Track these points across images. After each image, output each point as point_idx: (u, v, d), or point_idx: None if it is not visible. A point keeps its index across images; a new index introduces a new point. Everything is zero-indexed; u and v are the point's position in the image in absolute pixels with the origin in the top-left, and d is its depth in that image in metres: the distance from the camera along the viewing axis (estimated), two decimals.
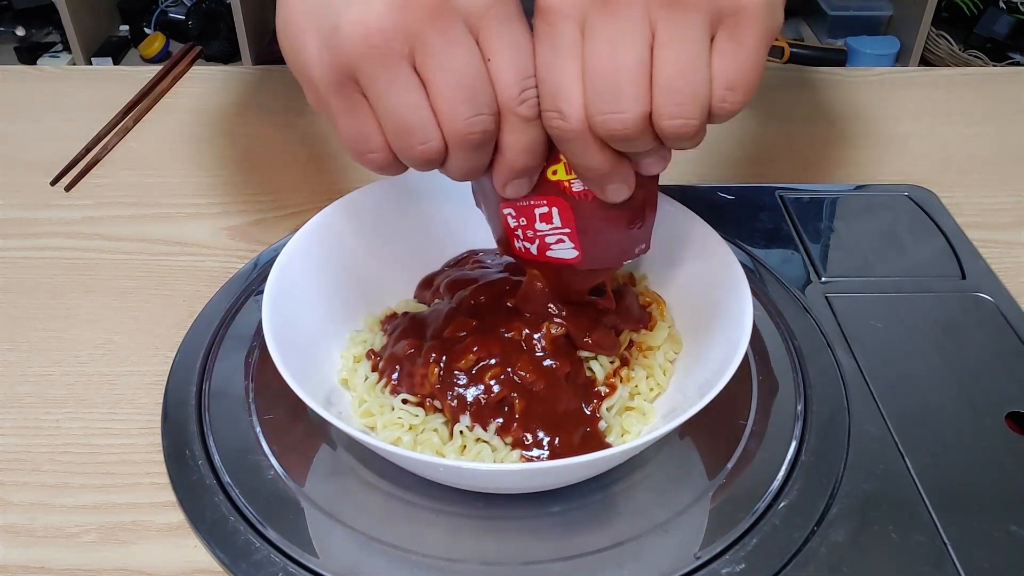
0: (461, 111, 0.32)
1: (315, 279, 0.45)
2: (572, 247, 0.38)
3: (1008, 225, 0.60)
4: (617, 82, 0.31)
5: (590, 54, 0.31)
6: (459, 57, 0.32)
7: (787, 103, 0.74)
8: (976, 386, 0.47)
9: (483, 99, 0.32)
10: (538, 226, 0.38)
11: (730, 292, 0.42)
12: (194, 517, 0.40)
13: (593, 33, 0.31)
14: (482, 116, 0.32)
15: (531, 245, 0.39)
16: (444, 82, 0.32)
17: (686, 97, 0.31)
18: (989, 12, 2.15)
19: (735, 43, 0.31)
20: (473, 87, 0.32)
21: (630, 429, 0.42)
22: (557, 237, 0.38)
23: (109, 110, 0.71)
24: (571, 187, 0.36)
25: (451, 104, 0.32)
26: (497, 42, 0.32)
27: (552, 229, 0.38)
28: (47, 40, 2.17)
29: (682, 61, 0.31)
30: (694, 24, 0.31)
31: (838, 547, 0.39)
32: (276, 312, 0.41)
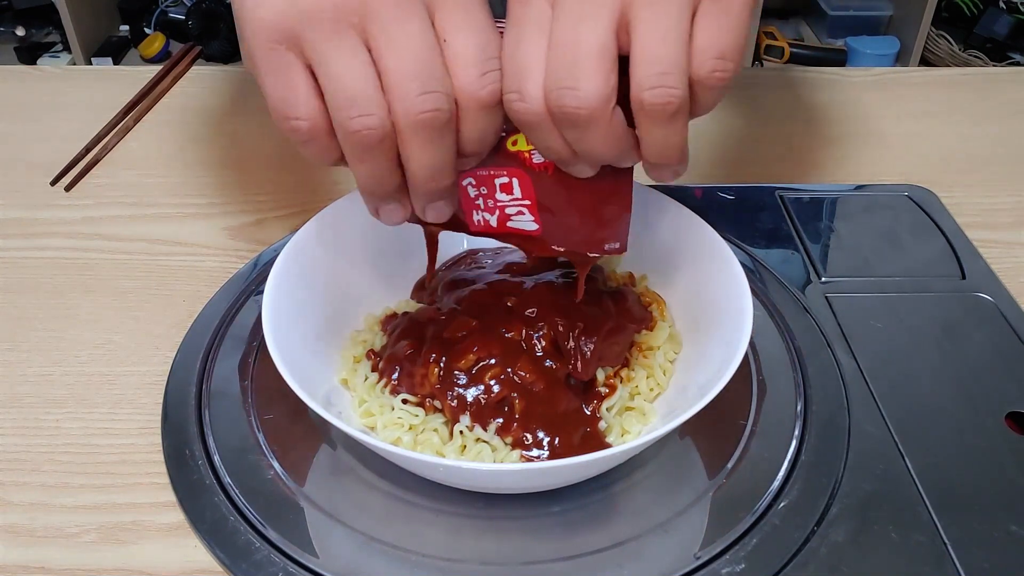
0: (412, 87, 0.31)
1: (315, 279, 0.45)
2: (532, 220, 0.38)
3: (1008, 225, 0.60)
4: (577, 57, 0.30)
5: (555, 30, 0.30)
6: (412, 33, 0.30)
7: (787, 103, 0.74)
8: (976, 386, 0.47)
9: (436, 77, 0.31)
10: (498, 196, 0.37)
11: (730, 292, 0.42)
12: (194, 517, 0.40)
13: (560, 9, 0.30)
14: (435, 94, 0.31)
15: (491, 216, 0.38)
16: (395, 56, 0.30)
17: (667, 66, 0.30)
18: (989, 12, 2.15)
19: (718, 10, 0.30)
20: (425, 63, 0.31)
21: (630, 429, 0.42)
22: (517, 208, 0.37)
23: (109, 110, 0.71)
24: (531, 159, 0.35)
25: (401, 79, 0.31)
26: (454, 23, 0.31)
27: (512, 200, 0.37)
28: (47, 40, 2.17)
29: (661, 30, 0.30)
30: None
31: (838, 547, 0.39)
32: (276, 312, 0.41)
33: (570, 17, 0.30)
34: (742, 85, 0.77)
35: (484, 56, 0.31)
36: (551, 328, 0.42)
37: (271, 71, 0.31)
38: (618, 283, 0.49)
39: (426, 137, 0.32)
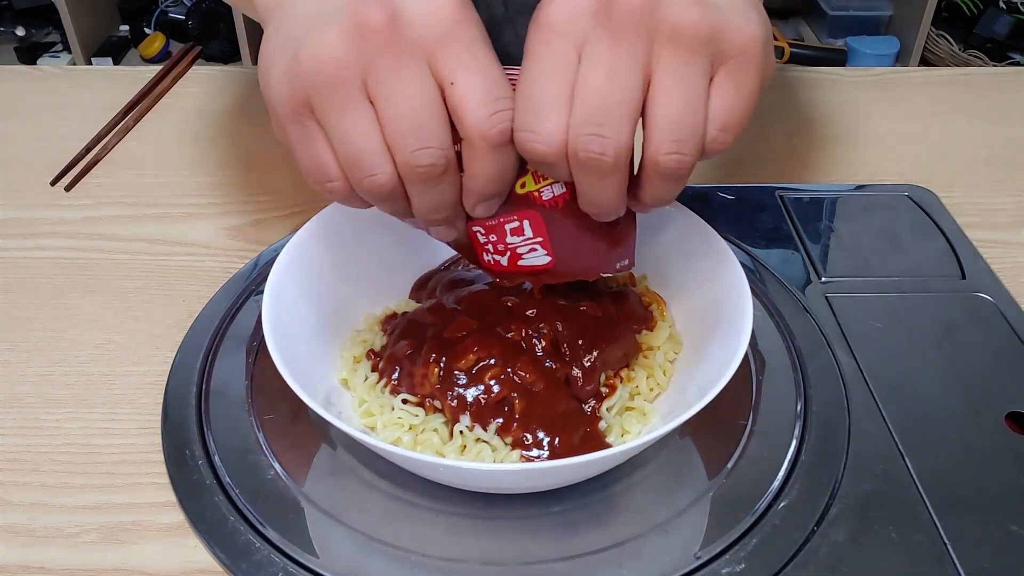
0: (408, 143, 0.31)
1: (315, 279, 0.45)
2: (545, 254, 0.39)
3: (1008, 225, 0.60)
4: (607, 108, 0.31)
5: (584, 78, 0.31)
6: (408, 88, 0.31)
7: (787, 103, 0.74)
8: (976, 386, 0.47)
9: (432, 132, 0.32)
10: (509, 240, 0.38)
11: (730, 292, 0.42)
12: (194, 517, 0.40)
13: (592, 59, 0.31)
14: (430, 150, 0.32)
15: (501, 258, 0.40)
16: (392, 112, 0.31)
17: (685, 134, 0.31)
18: (989, 12, 2.15)
19: (734, 85, 0.32)
20: (421, 119, 0.31)
21: (630, 429, 0.42)
22: (529, 247, 0.38)
23: (109, 110, 0.71)
24: (541, 196, 0.36)
25: (398, 136, 0.32)
26: (458, 66, 0.31)
27: (524, 240, 0.38)
28: (47, 40, 2.17)
29: (684, 99, 0.31)
30: (697, 64, 0.31)
31: (838, 547, 0.39)
32: (276, 312, 0.41)
33: (604, 66, 0.31)
34: None
35: (492, 96, 0.32)
36: (551, 328, 0.42)
37: (297, 142, 0.33)
38: (618, 283, 0.49)
39: (424, 187, 0.33)
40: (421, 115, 0.31)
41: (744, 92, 0.32)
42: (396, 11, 0.31)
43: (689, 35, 0.30)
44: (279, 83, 0.32)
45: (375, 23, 0.31)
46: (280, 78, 0.32)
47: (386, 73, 0.31)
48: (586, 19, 0.31)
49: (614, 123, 0.31)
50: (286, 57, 0.32)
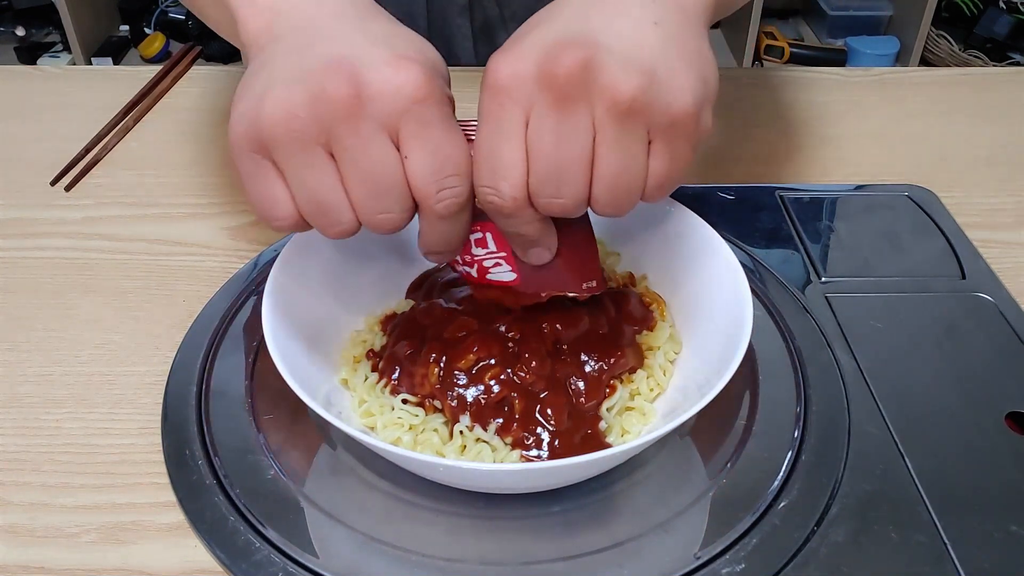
0: (370, 205, 0.34)
1: (315, 279, 0.45)
2: (510, 270, 0.39)
3: (1008, 225, 0.60)
4: (561, 172, 0.33)
5: (536, 142, 0.33)
6: (368, 156, 0.33)
7: (787, 103, 0.74)
8: (976, 386, 0.47)
9: (392, 197, 0.34)
10: (475, 251, 0.39)
11: (730, 292, 0.42)
12: (194, 517, 0.40)
13: (540, 123, 0.33)
14: (390, 214, 0.34)
15: (471, 269, 0.40)
16: (354, 177, 0.33)
17: (622, 193, 0.34)
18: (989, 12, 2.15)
19: (668, 153, 0.34)
20: (381, 185, 0.33)
21: (630, 429, 0.42)
22: (494, 261, 0.39)
23: (109, 110, 0.71)
24: None
25: (360, 198, 0.34)
26: (412, 143, 0.33)
27: (488, 253, 0.39)
28: (47, 40, 2.17)
29: (621, 165, 0.34)
30: (633, 132, 0.33)
31: (838, 547, 0.39)
32: (276, 312, 0.41)
33: (550, 132, 0.33)
34: (742, 85, 0.77)
35: (441, 175, 0.34)
36: (551, 328, 0.42)
37: (249, 177, 0.35)
38: (618, 283, 0.49)
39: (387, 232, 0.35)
40: (381, 182, 0.33)
41: (678, 157, 0.35)
42: (360, 84, 0.33)
43: (624, 108, 0.32)
44: (240, 118, 0.34)
45: (339, 95, 0.32)
46: (242, 114, 0.34)
47: (348, 140, 0.33)
48: (531, 84, 0.33)
49: (569, 184, 0.34)
50: (252, 99, 0.34)
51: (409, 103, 0.33)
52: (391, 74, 0.33)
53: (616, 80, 0.32)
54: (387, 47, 0.34)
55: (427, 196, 0.34)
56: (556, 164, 0.33)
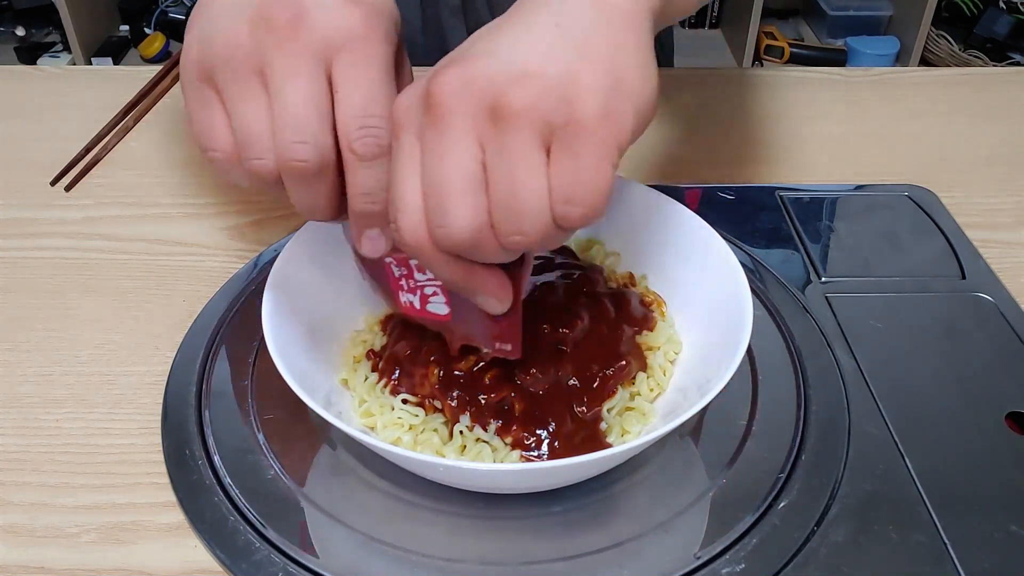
0: (286, 136, 0.33)
1: (315, 279, 0.45)
2: (444, 302, 0.38)
3: (1008, 225, 0.60)
4: (444, 198, 0.31)
5: (424, 169, 0.31)
6: (296, 86, 0.32)
7: (787, 103, 0.74)
8: (976, 386, 0.47)
9: (310, 128, 0.33)
10: (417, 276, 0.38)
11: (730, 292, 0.42)
12: (194, 517, 0.40)
13: (425, 147, 0.31)
14: (303, 145, 0.33)
15: (414, 297, 0.39)
16: (278, 104, 0.33)
17: (519, 214, 0.30)
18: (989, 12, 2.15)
19: (572, 160, 0.30)
20: (301, 116, 0.32)
21: (630, 429, 0.42)
22: (433, 289, 0.38)
23: (109, 110, 0.71)
24: None
25: (280, 128, 0.33)
26: (344, 77, 0.33)
27: (428, 280, 0.38)
28: (47, 40, 2.17)
29: (512, 178, 0.30)
30: (522, 138, 0.30)
31: (838, 547, 0.39)
32: (276, 313, 0.41)
33: (432, 155, 0.31)
34: (742, 85, 0.77)
35: (364, 112, 0.33)
36: (552, 329, 0.42)
37: (193, 104, 0.35)
38: (618, 283, 0.49)
39: (296, 181, 0.34)
40: (303, 111, 0.32)
41: (585, 166, 0.30)
42: (302, 12, 0.33)
43: (504, 113, 0.30)
44: (190, 46, 0.34)
45: (279, 19, 0.32)
46: (192, 42, 0.34)
47: (280, 66, 0.32)
48: (416, 109, 0.32)
49: (453, 212, 0.31)
50: (202, 31, 0.34)
51: (346, 38, 0.33)
52: (334, 8, 0.33)
53: (492, 87, 0.30)
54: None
55: (346, 133, 0.33)
56: (439, 188, 0.31)
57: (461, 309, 0.38)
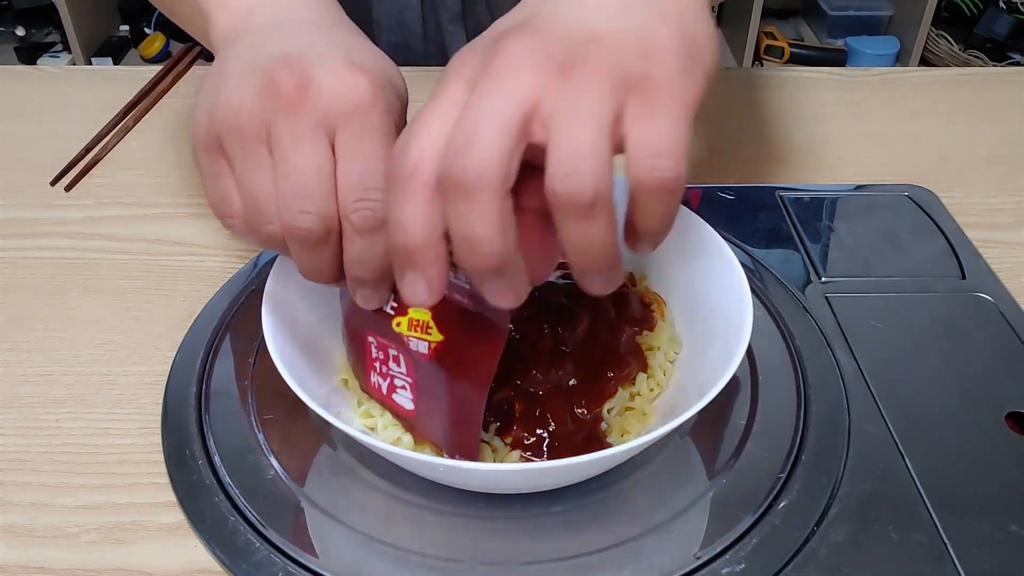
0: (291, 204, 0.33)
1: None
2: (411, 399, 0.38)
3: (1008, 225, 0.60)
4: (478, 124, 0.28)
5: (466, 104, 0.29)
6: (301, 153, 0.33)
7: (787, 103, 0.74)
8: (976, 386, 0.46)
9: (314, 199, 0.33)
10: (391, 365, 0.38)
11: (730, 292, 0.42)
12: (194, 517, 0.40)
13: (475, 91, 0.29)
14: (308, 215, 0.33)
15: (383, 381, 0.39)
16: (282, 172, 0.33)
17: (585, 152, 0.27)
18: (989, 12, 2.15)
19: (649, 113, 0.28)
20: (305, 185, 0.33)
21: (630, 429, 0.42)
22: (403, 383, 0.38)
23: (109, 110, 0.71)
24: (409, 344, 0.36)
25: (284, 195, 0.33)
26: (345, 148, 0.33)
27: (400, 373, 0.38)
28: (47, 40, 2.17)
29: (581, 114, 0.28)
30: (594, 87, 0.28)
31: (838, 547, 0.39)
32: (276, 312, 0.41)
33: (481, 90, 0.28)
34: (742, 85, 0.77)
35: (362, 185, 0.33)
36: (552, 330, 0.42)
37: (206, 174, 0.35)
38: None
39: (301, 248, 0.34)
40: (307, 181, 0.33)
41: (665, 118, 0.29)
42: (308, 80, 0.33)
43: (581, 65, 0.28)
44: (200, 116, 0.34)
45: (284, 86, 0.33)
46: (202, 112, 0.34)
47: (285, 134, 0.33)
48: (473, 62, 0.30)
49: (483, 138, 0.28)
50: (209, 99, 0.34)
51: (351, 107, 0.33)
52: (339, 76, 0.33)
53: (565, 44, 0.29)
54: (344, 53, 0.34)
55: (344, 204, 0.33)
56: (474, 119, 0.28)
57: (425, 410, 0.38)
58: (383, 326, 0.37)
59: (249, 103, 0.33)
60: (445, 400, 0.36)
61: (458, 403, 0.36)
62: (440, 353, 0.35)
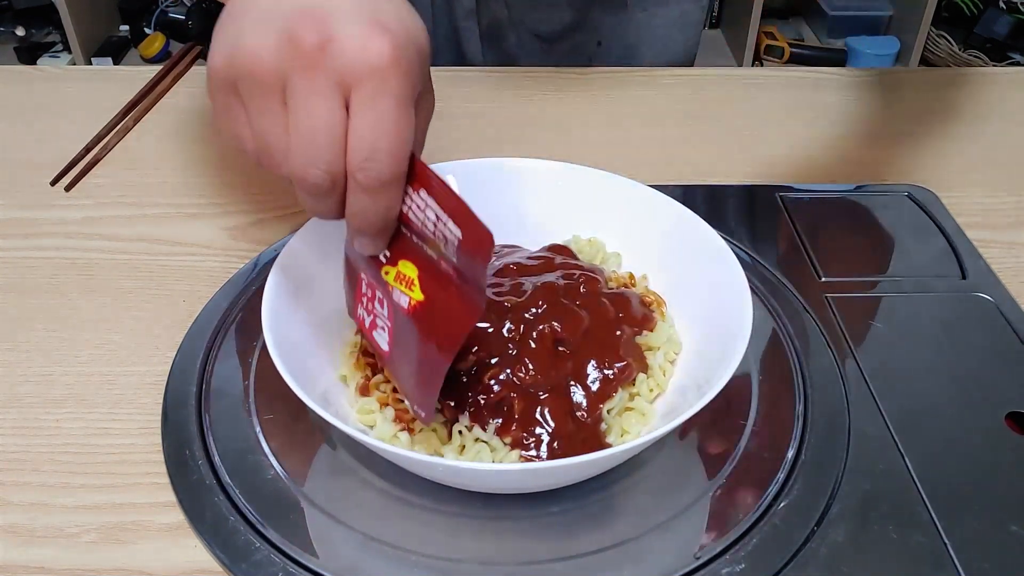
0: (299, 157, 0.34)
1: (315, 278, 0.45)
2: (388, 341, 0.39)
3: (1008, 225, 0.60)
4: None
5: None
6: (313, 109, 0.33)
7: (787, 103, 0.74)
8: (976, 386, 0.47)
9: (322, 154, 0.33)
10: (375, 306, 0.39)
11: (730, 292, 0.42)
12: (194, 517, 0.40)
13: None
14: (315, 170, 0.34)
15: (368, 317, 0.40)
16: (295, 125, 0.34)
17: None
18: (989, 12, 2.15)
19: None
20: (315, 141, 0.33)
21: (630, 429, 0.42)
22: (382, 325, 0.39)
23: (109, 110, 0.71)
24: (393, 294, 0.37)
25: (296, 147, 0.34)
26: (361, 108, 0.33)
27: (382, 314, 0.39)
28: (47, 40, 2.17)
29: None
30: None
31: (838, 547, 0.39)
32: (276, 312, 0.41)
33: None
34: (742, 85, 0.77)
35: (371, 146, 0.33)
36: (551, 329, 0.42)
37: (220, 111, 0.36)
38: (619, 284, 0.49)
39: (307, 195, 0.35)
40: (318, 136, 0.33)
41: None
42: (329, 38, 0.33)
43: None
44: (218, 56, 0.35)
45: (305, 42, 0.33)
46: (220, 52, 0.35)
47: (301, 89, 0.33)
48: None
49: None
50: (229, 40, 0.34)
51: (368, 70, 0.33)
52: (361, 35, 0.33)
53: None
54: (369, 9, 0.34)
55: (352, 162, 0.34)
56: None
57: (398, 356, 0.38)
58: (374, 270, 0.38)
59: (269, 53, 0.33)
60: (414, 355, 0.37)
61: (424, 362, 0.36)
62: (417, 312, 0.36)
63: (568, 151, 0.67)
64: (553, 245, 0.50)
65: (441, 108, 0.40)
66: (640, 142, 0.68)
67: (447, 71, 0.77)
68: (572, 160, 0.51)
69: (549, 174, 0.51)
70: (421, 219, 0.35)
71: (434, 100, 0.38)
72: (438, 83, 0.38)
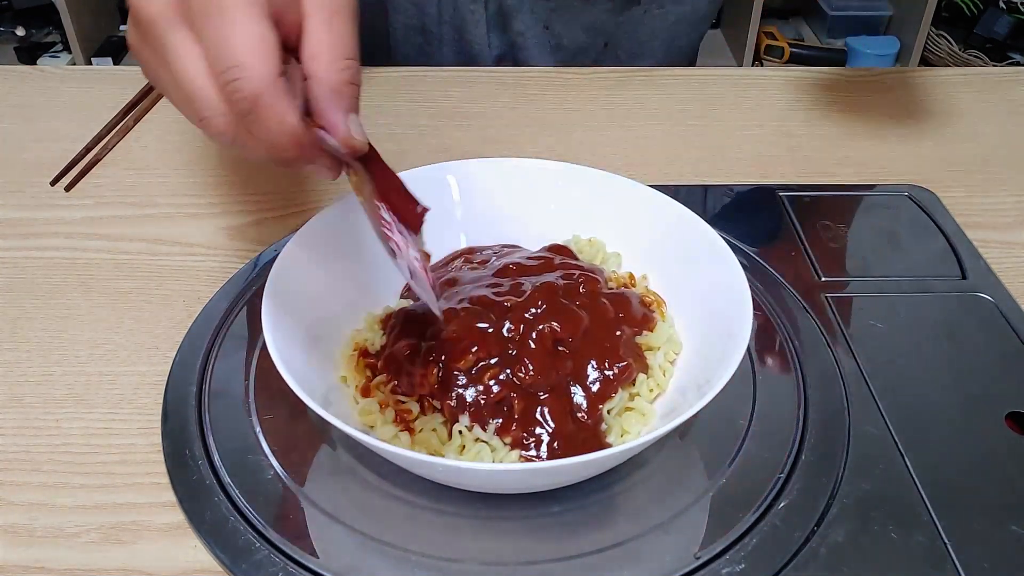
0: (187, 111, 0.34)
1: (315, 279, 0.45)
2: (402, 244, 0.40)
3: (1008, 225, 0.60)
4: None
5: None
6: (177, 56, 0.33)
7: (787, 103, 0.74)
8: (976, 386, 0.47)
9: (201, 100, 0.33)
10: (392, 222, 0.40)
11: (730, 292, 0.42)
12: (194, 517, 0.40)
13: None
14: (208, 118, 0.33)
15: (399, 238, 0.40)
16: (172, 80, 0.34)
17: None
18: (989, 12, 2.16)
19: None
20: (184, 87, 0.33)
21: (630, 429, 0.42)
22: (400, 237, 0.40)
23: (109, 110, 0.71)
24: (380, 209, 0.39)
25: (180, 101, 0.34)
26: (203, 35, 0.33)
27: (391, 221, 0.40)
28: (47, 40, 2.17)
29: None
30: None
31: (838, 547, 0.39)
32: (276, 312, 0.41)
33: None
34: (742, 85, 0.77)
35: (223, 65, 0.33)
36: (551, 329, 0.42)
37: (141, 59, 0.36)
38: (619, 284, 0.49)
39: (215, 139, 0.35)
40: (191, 86, 0.33)
41: None
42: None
43: None
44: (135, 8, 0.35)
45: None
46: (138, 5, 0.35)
47: (165, 39, 0.33)
48: None
49: None
50: None
51: None
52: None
53: None
54: None
55: (220, 91, 0.33)
56: None
57: None
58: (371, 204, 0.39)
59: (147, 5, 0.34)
60: None
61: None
62: None
63: (568, 151, 0.67)
64: (553, 245, 0.50)
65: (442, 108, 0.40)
66: (640, 142, 0.68)
67: (448, 71, 0.77)
68: (572, 160, 0.52)
69: (549, 174, 0.51)
70: None
71: None
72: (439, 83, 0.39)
